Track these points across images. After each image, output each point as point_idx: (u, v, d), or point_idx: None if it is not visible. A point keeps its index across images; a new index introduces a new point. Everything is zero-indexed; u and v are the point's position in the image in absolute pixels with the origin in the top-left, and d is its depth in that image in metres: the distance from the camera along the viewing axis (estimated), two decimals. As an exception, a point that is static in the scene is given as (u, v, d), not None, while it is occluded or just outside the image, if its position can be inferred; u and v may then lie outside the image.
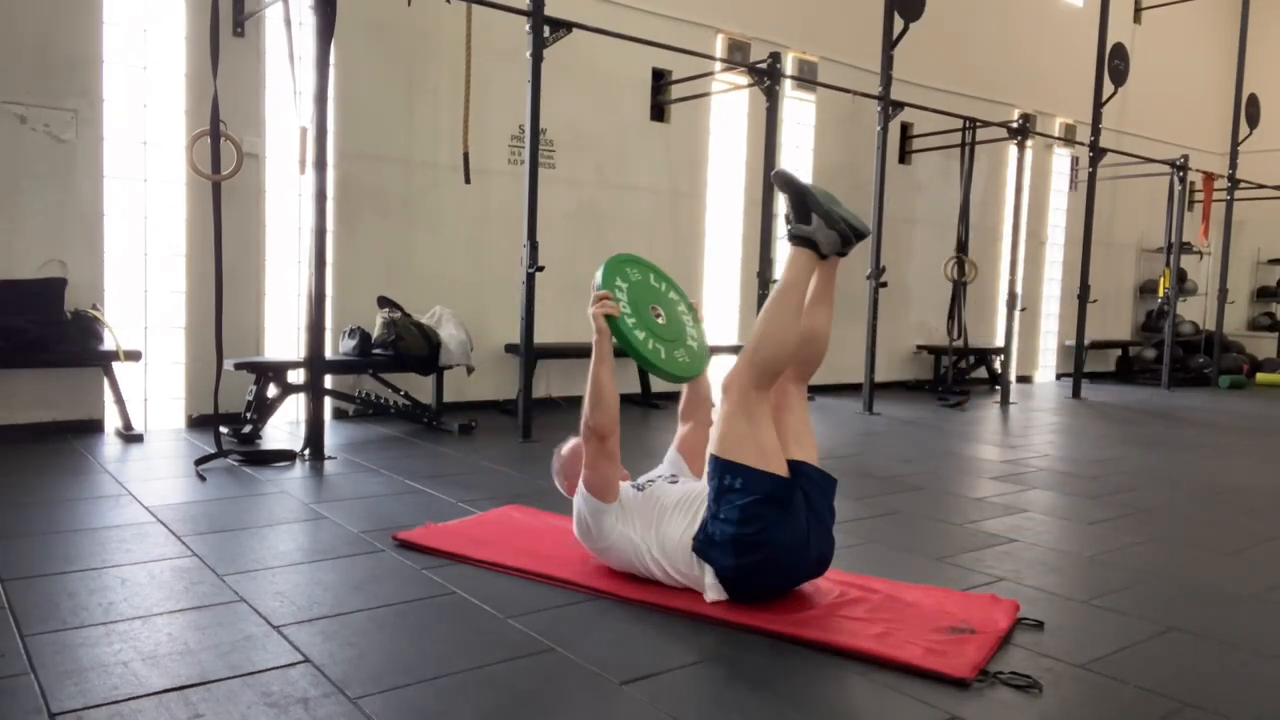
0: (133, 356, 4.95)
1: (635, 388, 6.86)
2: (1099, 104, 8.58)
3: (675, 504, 2.64)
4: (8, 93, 4.73)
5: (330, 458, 4.49)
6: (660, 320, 2.84)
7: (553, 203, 6.27)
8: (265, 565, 2.84)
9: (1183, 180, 9.66)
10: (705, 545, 2.50)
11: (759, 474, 2.43)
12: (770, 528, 2.42)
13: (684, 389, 3.01)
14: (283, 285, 5.61)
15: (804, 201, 2.59)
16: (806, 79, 7.71)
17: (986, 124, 8.21)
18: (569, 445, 3.01)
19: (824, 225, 2.56)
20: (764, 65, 6.51)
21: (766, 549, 2.43)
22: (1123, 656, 2.33)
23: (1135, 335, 11.58)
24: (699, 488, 2.66)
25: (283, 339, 5.61)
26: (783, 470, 2.47)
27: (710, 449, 2.55)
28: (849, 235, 2.58)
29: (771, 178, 2.69)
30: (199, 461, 4.23)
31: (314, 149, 4.37)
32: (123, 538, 3.07)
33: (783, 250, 7.70)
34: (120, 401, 4.91)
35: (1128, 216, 11.09)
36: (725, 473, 2.47)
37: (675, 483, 2.77)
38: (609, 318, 2.67)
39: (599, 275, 2.77)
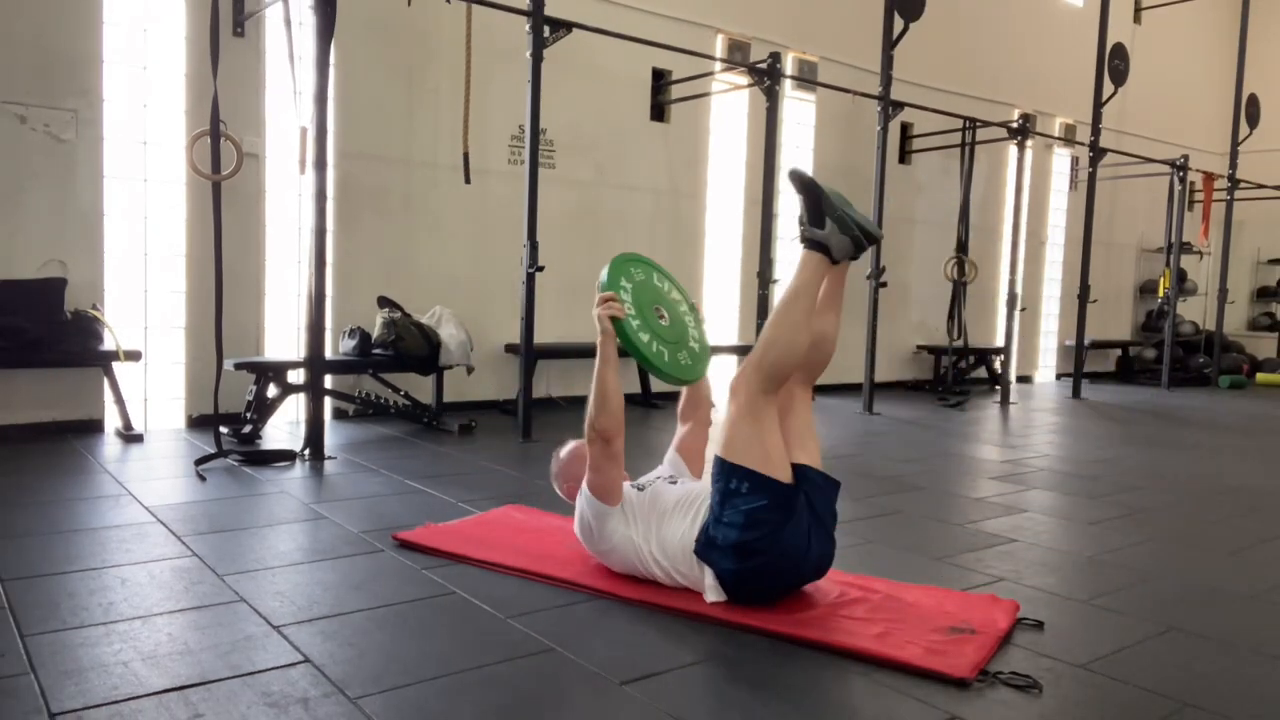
0: (133, 356, 4.95)
1: (635, 388, 6.86)
2: (1099, 104, 8.58)
3: (675, 505, 2.64)
4: (8, 93, 4.73)
5: (330, 458, 4.49)
6: (664, 321, 2.83)
7: (553, 203, 6.27)
8: (265, 565, 2.84)
9: (1183, 180, 9.67)
10: (707, 548, 2.50)
11: (764, 479, 2.43)
12: (773, 533, 2.42)
13: (683, 390, 3.00)
14: (283, 285, 5.60)
15: (818, 204, 2.55)
16: (806, 79, 7.71)
17: (986, 124, 8.22)
18: (567, 448, 3.00)
19: (837, 230, 2.53)
20: (764, 65, 6.50)
21: (769, 554, 2.42)
22: (1123, 656, 2.33)
23: (1135, 335, 11.58)
24: (698, 488, 2.66)
25: (283, 339, 5.61)
26: (787, 476, 2.46)
27: (716, 451, 2.54)
28: (862, 241, 2.55)
29: (788, 176, 2.67)
30: (199, 461, 4.23)
31: (314, 149, 4.37)
32: (123, 538, 3.07)
33: (783, 250, 7.73)
34: (120, 401, 4.91)
35: (1128, 216, 11.10)
36: (731, 476, 2.46)
37: (674, 483, 2.77)
38: (614, 319, 2.66)
39: (604, 274, 2.75)
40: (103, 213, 5.03)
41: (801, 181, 2.60)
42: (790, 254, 7.97)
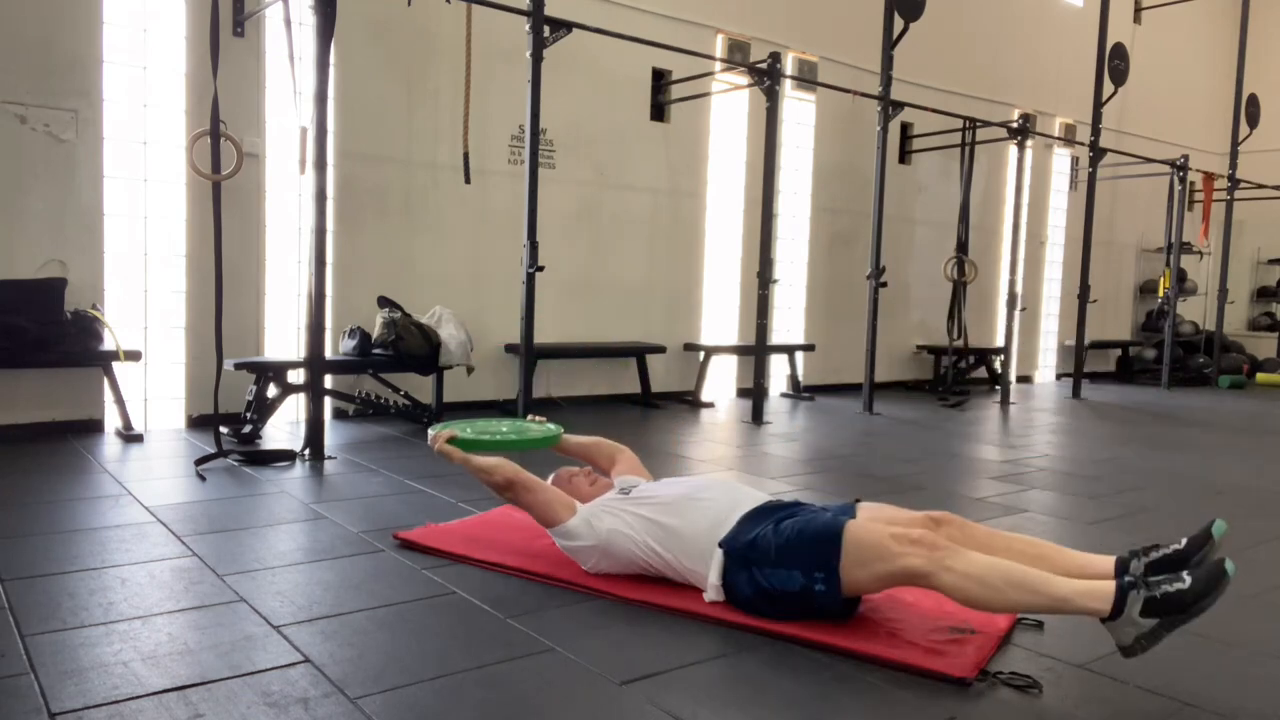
0: (133, 356, 4.95)
1: (635, 388, 6.87)
2: (1099, 104, 8.58)
3: (685, 500, 2.64)
4: (8, 93, 4.73)
5: (330, 458, 4.49)
6: (504, 429, 3.20)
7: (553, 203, 6.27)
8: (265, 565, 2.84)
9: (1183, 180, 9.66)
10: (741, 564, 2.45)
11: (838, 595, 2.34)
12: (801, 608, 2.39)
13: (581, 455, 3.25)
14: (283, 285, 5.61)
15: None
16: (806, 79, 7.71)
17: (986, 124, 8.21)
18: (551, 480, 3.03)
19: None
20: (764, 65, 6.50)
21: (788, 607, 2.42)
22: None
23: (1135, 335, 11.58)
24: (701, 484, 2.72)
25: (283, 339, 5.61)
26: (853, 608, 2.46)
27: (850, 531, 2.35)
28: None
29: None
30: (199, 461, 4.23)
31: (314, 149, 4.37)
32: (123, 538, 3.07)
33: (783, 250, 7.74)
34: (120, 401, 4.91)
35: (1128, 216, 11.10)
36: (827, 562, 2.31)
37: (656, 481, 2.83)
38: (451, 441, 2.94)
39: (432, 434, 3.03)
40: (103, 213, 5.03)
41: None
42: (790, 254, 7.99)
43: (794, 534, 2.40)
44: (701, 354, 7.30)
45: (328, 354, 4.69)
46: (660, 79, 7.07)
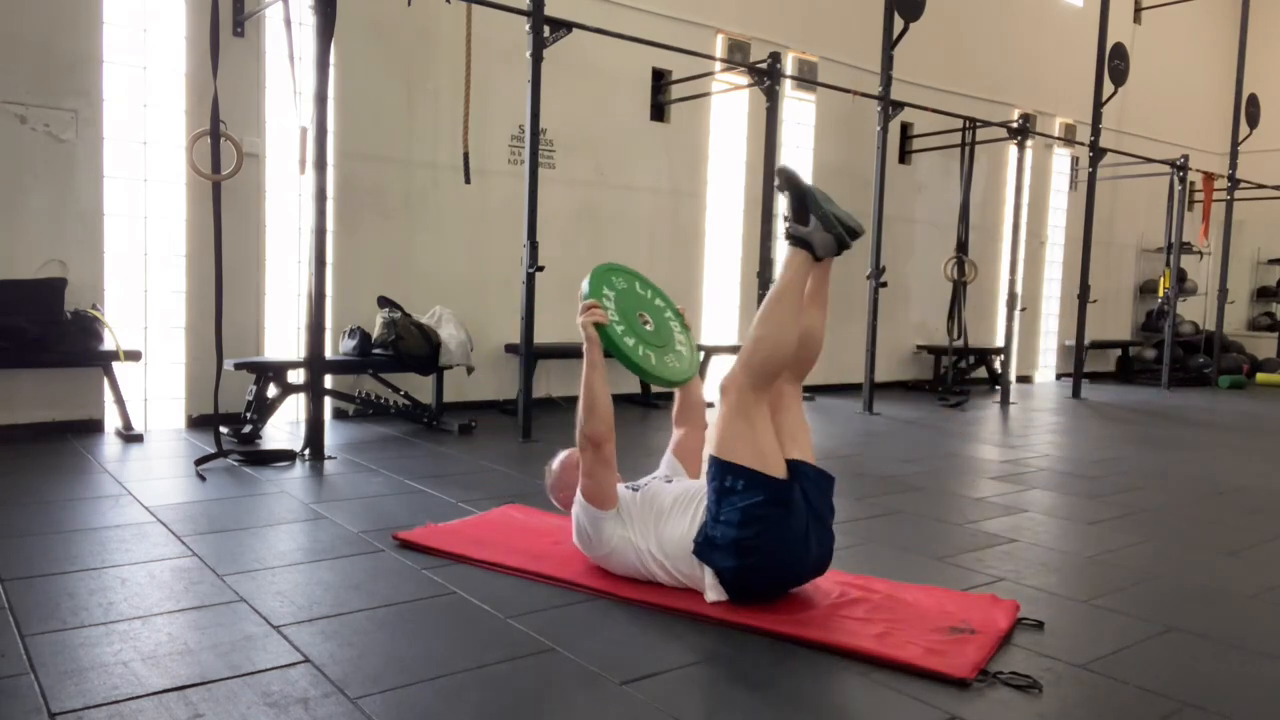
0: (133, 356, 4.95)
1: (635, 388, 6.86)
2: (1099, 104, 8.58)
3: (673, 503, 2.64)
4: (8, 93, 4.73)
5: (330, 458, 4.49)
6: (648, 327, 2.89)
7: (553, 203, 6.27)
8: (265, 565, 2.84)
9: (1183, 180, 9.67)
10: (706, 547, 2.50)
11: (759, 475, 2.43)
12: (771, 529, 2.42)
13: (676, 394, 3.02)
14: (283, 285, 5.60)
15: (803, 201, 2.57)
16: (806, 79, 7.71)
17: (986, 124, 8.22)
18: (559, 459, 3.03)
19: (820, 227, 2.55)
20: (764, 65, 6.51)
21: (767, 550, 2.43)
22: (1123, 656, 2.33)
23: (1135, 335, 11.58)
24: (696, 485, 2.67)
25: (283, 339, 5.61)
26: (782, 471, 2.47)
27: (709, 450, 2.55)
28: (845, 238, 2.57)
29: (775, 173, 2.68)
30: (199, 461, 4.23)
31: (314, 149, 4.37)
32: (123, 538, 3.07)
33: (782, 250, 7.73)
34: (120, 401, 4.91)
35: (1128, 216, 11.10)
36: (725, 474, 2.46)
37: (670, 482, 2.78)
38: (598, 326, 2.71)
39: (585, 285, 2.81)
40: (103, 213, 5.03)
41: (787, 179, 2.62)
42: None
43: (709, 490, 2.52)
44: (701, 354, 7.30)
45: (328, 354, 4.69)
46: (660, 79, 7.07)
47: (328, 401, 5.24)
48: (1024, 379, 10.13)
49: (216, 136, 4.31)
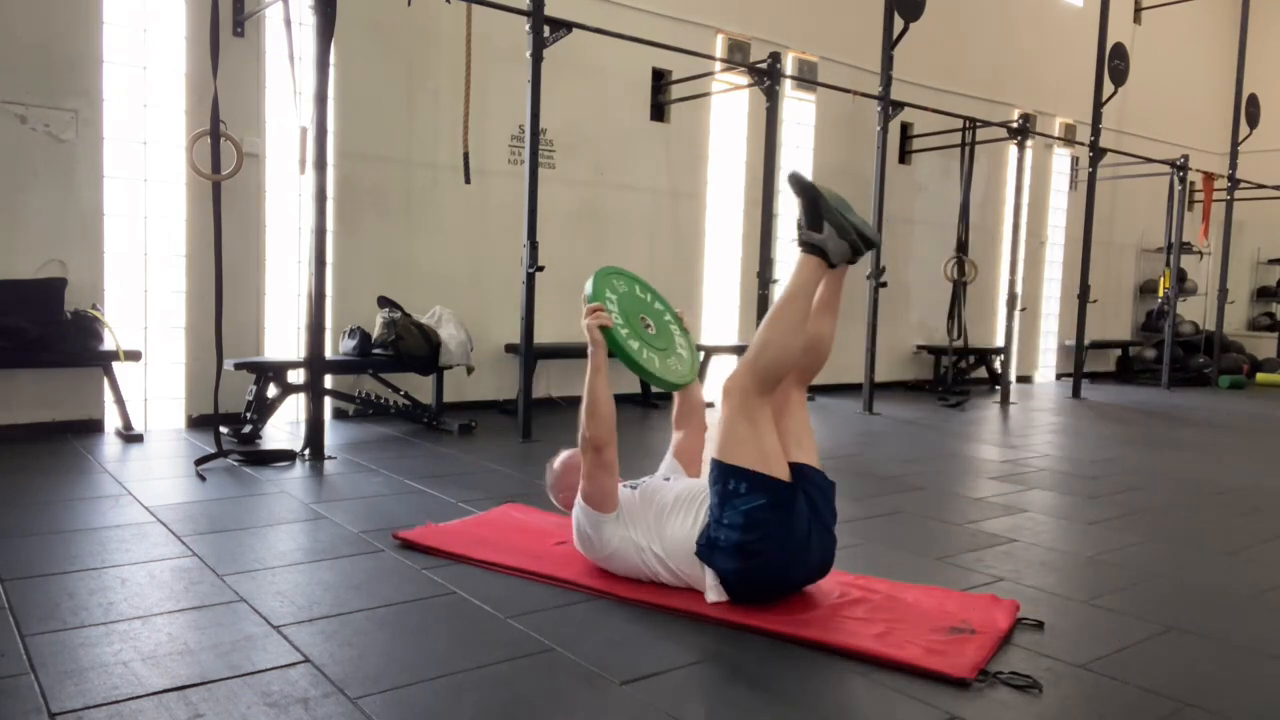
0: (133, 356, 4.95)
1: (635, 388, 6.86)
2: (1099, 104, 8.58)
3: (674, 501, 2.64)
4: (8, 93, 4.73)
5: (330, 458, 4.49)
6: (650, 330, 2.90)
7: (553, 203, 6.27)
8: (265, 565, 2.84)
9: (1183, 180, 9.67)
10: (708, 549, 2.49)
11: (762, 478, 2.43)
12: (774, 532, 2.42)
13: (675, 397, 3.02)
14: (283, 285, 5.60)
15: (817, 207, 2.56)
16: (806, 79, 7.71)
17: (986, 124, 8.22)
18: (560, 459, 3.03)
19: (835, 234, 2.54)
20: (764, 65, 6.50)
21: (770, 553, 2.43)
22: (1123, 656, 2.33)
23: (1135, 335, 11.58)
24: (697, 485, 2.67)
25: (283, 339, 5.61)
26: (785, 474, 2.46)
27: (712, 453, 2.54)
28: (859, 245, 2.56)
29: (787, 179, 2.68)
30: (199, 461, 4.23)
31: (314, 149, 4.37)
32: (123, 538, 3.07)
33: (782, 251, 7.73)
34: (120, 401, 4.91)
35: (1128, 216, 11.10)
36: (728, 477, 2.46)
37: (669, 480, 2.78)
38: (603, 329, 2.70)
39: (588, 287, 2.81)
40: (103, 213, 5.03)
41: (800, 185, 2.60)
42: (790, 254, 7.97)
43: (712, 493, 2.51)
44: (702, 354, 7.30)
45: (328, 354, 4.69)
46: (660, 79, 7.07)
47: (328, 401, 5.24)
48: (1024, 379, 10.13)
49: (216, 136, 4.31)
